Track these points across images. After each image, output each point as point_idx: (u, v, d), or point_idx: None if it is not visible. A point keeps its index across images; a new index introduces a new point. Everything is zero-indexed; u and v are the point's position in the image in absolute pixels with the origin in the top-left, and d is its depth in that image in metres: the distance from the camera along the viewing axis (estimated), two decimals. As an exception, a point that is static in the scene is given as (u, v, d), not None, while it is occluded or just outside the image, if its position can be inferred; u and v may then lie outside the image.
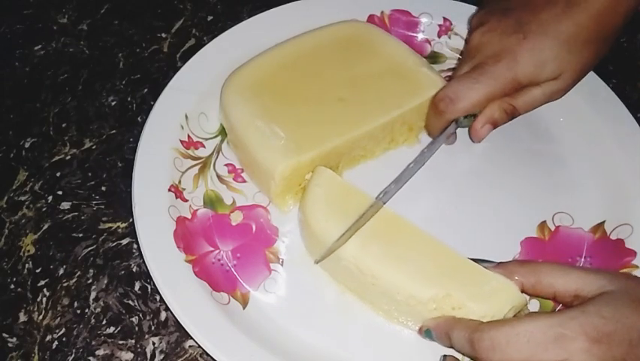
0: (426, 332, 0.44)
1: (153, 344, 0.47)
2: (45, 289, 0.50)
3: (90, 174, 0.56)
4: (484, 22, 0.50)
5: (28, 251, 0.52)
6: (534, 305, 0.48)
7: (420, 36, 0.63)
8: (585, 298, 0.39)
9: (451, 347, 0.42)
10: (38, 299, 0.49)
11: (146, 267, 0.46)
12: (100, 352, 0.47)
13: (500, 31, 0.49)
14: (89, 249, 0.52)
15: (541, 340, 0.37)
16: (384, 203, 0.46)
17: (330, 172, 0.48)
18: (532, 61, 0.47)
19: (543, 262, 0.45)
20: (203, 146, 0.55)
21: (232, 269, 0.49)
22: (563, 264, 0.43)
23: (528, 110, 0.50)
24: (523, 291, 0.43)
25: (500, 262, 0.44)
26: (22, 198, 0.54)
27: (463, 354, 0.42)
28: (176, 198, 0.51)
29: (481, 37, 0.50)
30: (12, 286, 0.50)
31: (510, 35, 0.48)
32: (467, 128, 0.51)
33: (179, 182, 0.52)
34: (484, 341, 0.38)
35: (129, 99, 0.61)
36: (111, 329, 0.48)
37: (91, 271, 0.50)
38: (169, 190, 0.50)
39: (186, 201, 0.51)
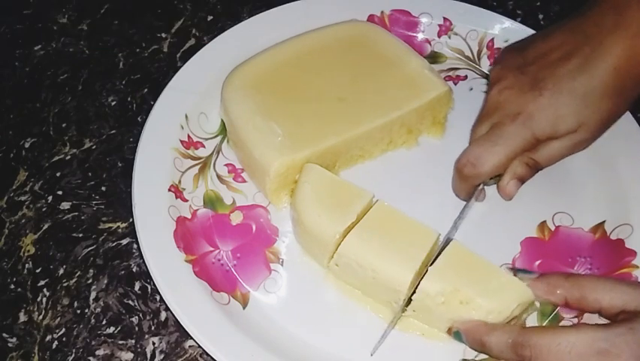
0: (455, 334, 0.44)
1: (153, 344, 0.47)
2: (45, 289, 0.50)
3: (90, 174, 0.56)
4: (502, 79, 0.50)
5: (28, 251, 0.52)
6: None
7: (420, 36, 0.63)
8: (632, 313, 0.39)
9: (481, 351, 0.43)
10: (38, 299, 0.49)
11: (146, 267, 0.46)
12: (100, 352, 0.47)
13: (517, 88, 0.48)
14: (89, 249, 0.52)
15: (583, 352, 0.37)
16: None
17: (318, 168, 0.48)
18: (549, 118, 0.47)
19: (587, 276, 0.45)
20: (203, 146, 0.55)
21: (232, 269, 0.49)
22: (607, 278, 0.43)
23: (551, 162, 0.50)
24: (565, 305, 0.43)
25: (543, 274, 0.44)
26: (22, 198, 0.54)
27: (498, 359, 0.42)
28: (176, 198, 0.51)
29: (498, 96, 0.49)
30: (12, 286, 0.50)
31: (526, 93, 0.48)
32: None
33: (179, 182, 0.52)
34: (526, 348, 0.38)
35: (129, 99, 0.61)
36: (111, 329, 0.48)
37: (91, 271, 0.50)
38: (169, 190, 0.50)
39: (186, 201, 0.51)
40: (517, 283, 0.43)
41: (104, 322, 0.48)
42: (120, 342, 0.47)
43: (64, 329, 0.48)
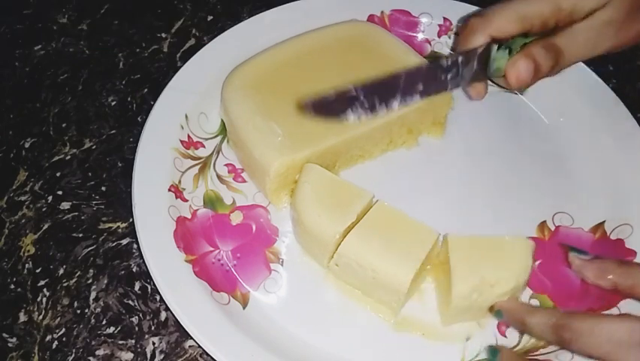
0: (496, 313, 0.44)
1: (153, 344, 0.47)
2: (45, 289, 0.50)
3: (90, 174, 0.56)
4: None
5: (28, 251, 0.52)
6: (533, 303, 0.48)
7: (420, 36, 0.63)
8: None
9: (521, 330, 0.43)
10: (38, 299, 0.49)
11: (146, 267, 0.46)
12: (100, 352, 0.47)
13: None
14: (89, 249, 0.52)
15: (625, 340, 0.37)
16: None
17: (318, 168, 0.48)
18: None
19: None
20: (203, 146, 0.55)
21: (232, 269, 0.49)
22: None
23: (573, 53, 0.45)
24: (614, 290, 0.42)
25: (596, 257, 0.44)
26: (22, 198, 0.54)
27: (539, 339, 0.42)
28: (176, 198, 0.51)
29: None
30: (12, 286, 0.50)
31: None
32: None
33: (179, 182, 0.52)
34: (568, 331, 0.39)
35: (129, 99, 0.61)
36: (111, 329, 0.48)
37: (91, 271, 0.50)
38: (169, 190, 0.50)
39: (186, 201, 0.51)
40: (519, 239, 0.44)
41: (104, 322, 0.48)
42: (120, 342, 0.47)
43: (64, 329, 0.48)
